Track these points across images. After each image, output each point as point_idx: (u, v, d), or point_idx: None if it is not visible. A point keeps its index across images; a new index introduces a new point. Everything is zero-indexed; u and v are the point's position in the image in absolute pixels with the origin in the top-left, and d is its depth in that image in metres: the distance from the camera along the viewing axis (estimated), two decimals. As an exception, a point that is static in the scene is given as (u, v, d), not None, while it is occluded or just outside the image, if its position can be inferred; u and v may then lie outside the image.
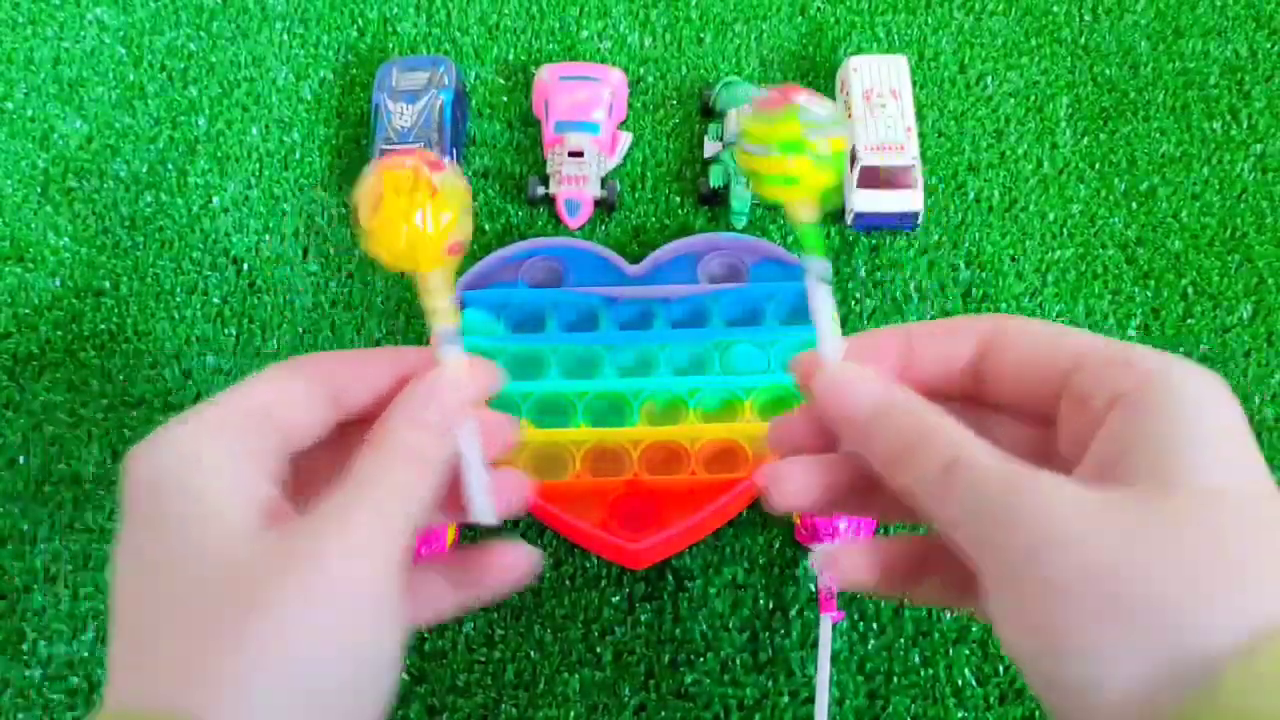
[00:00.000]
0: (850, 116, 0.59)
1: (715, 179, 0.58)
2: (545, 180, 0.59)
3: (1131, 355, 0.29)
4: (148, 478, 0.28)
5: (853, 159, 0.58)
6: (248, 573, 0.26)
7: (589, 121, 0.60)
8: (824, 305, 0.32)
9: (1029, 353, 0.31)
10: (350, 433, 0.31)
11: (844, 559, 0.32)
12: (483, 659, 0.48)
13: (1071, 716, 0.26)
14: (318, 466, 0.30)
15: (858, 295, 0.57)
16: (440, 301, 0.31)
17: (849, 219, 0.58)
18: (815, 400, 0.31)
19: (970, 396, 0.32)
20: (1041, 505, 0.27)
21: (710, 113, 0.62)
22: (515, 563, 0.32)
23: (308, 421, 0.30)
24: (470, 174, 0.61)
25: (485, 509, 0.31)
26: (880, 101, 0.59)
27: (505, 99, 0.64)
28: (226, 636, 0.25)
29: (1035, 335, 0.31)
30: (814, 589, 0.49)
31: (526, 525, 0.51)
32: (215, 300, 0.57)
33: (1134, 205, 0.59)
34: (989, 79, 0.64)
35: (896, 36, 0.65)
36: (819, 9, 0.67)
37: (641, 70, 0.65)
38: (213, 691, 0.25)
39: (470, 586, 0.33)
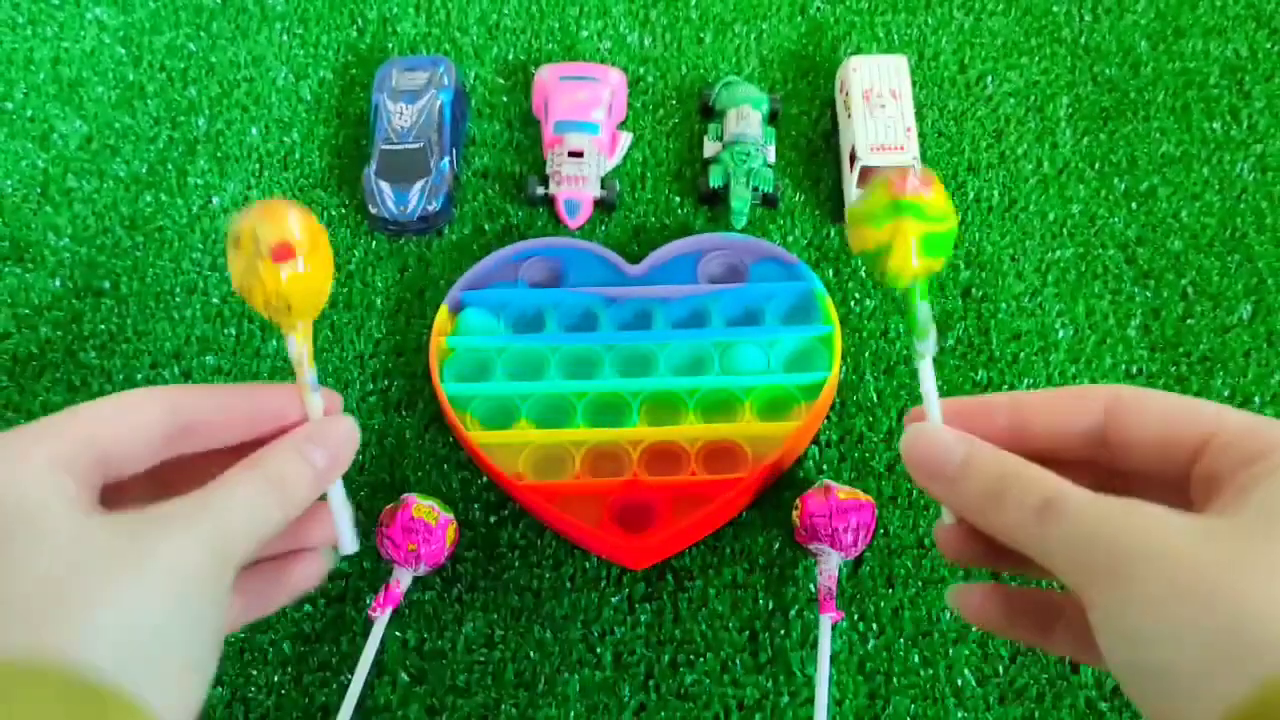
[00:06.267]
0: (850, 117, 0.59)
1: (715, 179, 0.58)
2: (545, 180, 0.59)
3: (1257, 425, 0.30)
4: None
5: (852, 158, 0.58)
6: (88, 552, 0.30)
7: (588, 122, 0.60)
8: (928, 378, 0.34)
9: (1159, 420, 0.32)
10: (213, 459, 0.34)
11: (969, 598, 0.34)
12: (483, 659, 0.48)
13: (1158, 711, 0.28)
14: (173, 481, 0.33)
15: (858, 295, 0.57)
16: (304, 350, 0.35)
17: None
18: (904, 458, 0.33)
19: (1091, 464, 0.33)
20: (1140, 525, 0.28)
21: (710, 112, 0.62)
22: (308, 575, 0.36)
23: (135, 449, 0.32)
24: (470, 174, 0.61)
25: (350, 543, 0.36)
26: (880, 101, 0.59)
27: (505, 99, 0.64)
28: (75, 598, 0.29)
29: (1165, 403, 0.32)
30: (814, 589, 0.49)
31: (526, 526, 0.51)
32: (215, 300, 0.57)
33: (1134, 205, 0.59)
34: (989, 79, 0.64)
35: (896, 36, 0.65)
36: (819, 9, 0.67)
37: (641, 70, 0.65)
38: (70, 636, 0.28)
39: (277, 595, 0.36)
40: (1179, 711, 0.27)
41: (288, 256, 0.33)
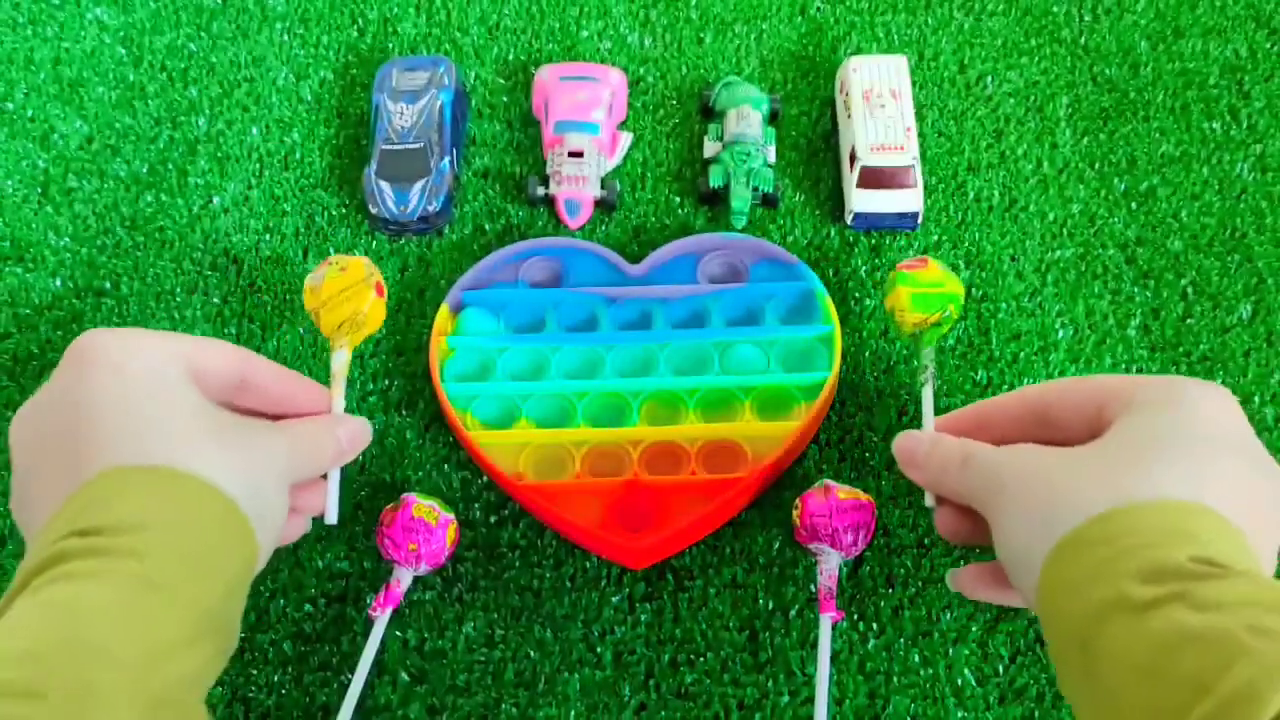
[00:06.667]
0: (850, 117, 0.59)
1: (715, 179, 0.58)
2: (545, 180, 0.59)
3: (1143, 379, 0.41)
4: (106, 345, 0.39)
5: (852, 159, 0.58)
6: (215, 417, 0.40)
7: (589, 122, 0.60)
8: (927, 399, 0.47)
9: (1074, 400, 0.42)
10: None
11: (963, 576, 0.46)
12: (483, 659, 0.48)
13: (1027, 596, 0.38)
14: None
15: (857, 295, 0.57)
16: (347, 362, 0.49)
17: (849, 219, 0.58)
18: (894, 452, 0.46)
19: (1053, 441, 0.41)
20: (1016, 459, 0.40)
21: (710, 113, 0.62)
22: (295, 529, 0.46)
23: (214, 381, 0.41)
24: (470, 174, 0.61)
25: (334, 515, 0.46)
26: (880, 102, 0.59)
27: (505, 99, 0.64)
28: (212, 442, 0.38)
29: (1078, 384, 0.43)
30: (814, 589, 0.49)
31: (527, 525, 0.51)
32: (215, 300, 0.57)
33: (1134, 205, 0.59)
34: (989, 79, 0.64)
35: (896, 37, 0.65)
36: (819, 9, 0.67)
37: (641, 70, 0.65)
38: (215, 467, 0.38)
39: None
40: (1027, 580, 0.38)
41: (381, 293, 0.50)
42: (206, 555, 0.36)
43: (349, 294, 0.49)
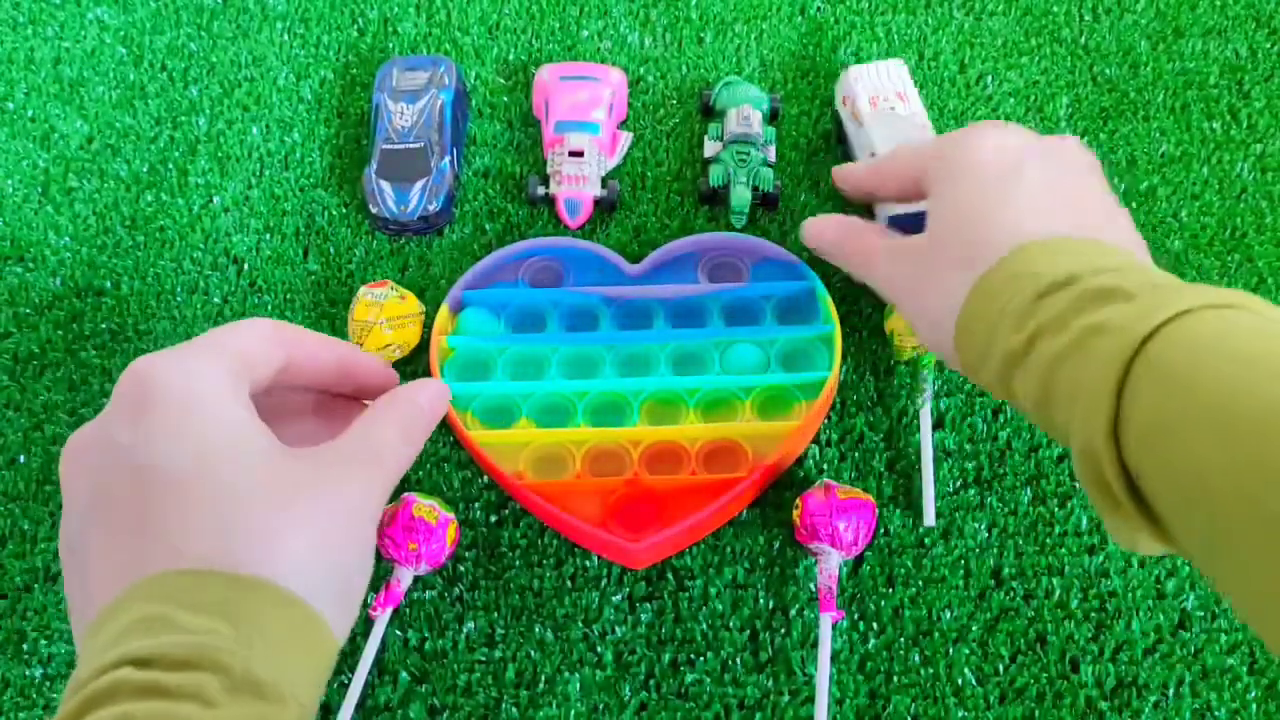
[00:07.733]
0: (862, 125, 0.58)
1: (715, 178, 0.58)
2: (545, 180, 0.59)
3: (932, 157, 0.47)
4: (165, 381, 0.35)
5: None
6: (285, 480, 0.35)
7: (589, 121, 0.60)
8: (925, 418, 0.51)
9: (901, 169, 0.50)
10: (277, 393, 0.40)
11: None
12: (484, 658, 0.48)
13: (944, 344, 0.42)
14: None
15: (857, 295, 0.57)
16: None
17: (883, 222, 0.57)
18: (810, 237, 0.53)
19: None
20: (894, 282, 0.47)
21: (710, 112, 0.62)
22: None
23: (264, 372, 0.38)
24: (470, 174, 0.61)
25: None
26: (889, 105, 0.58)
27: (505, 99, 0.64)
28: (273, 521, 0.34)
29: (905, 157, 0.50)
30: (814, 588, 0.49)
31: (528, 525, 0.51)
32: (216, 300, 0.57)
33: (1134, 205, 0.59)
34: (989, 79, 0.64)
35: (896, 36, 0.65)
36: (819, 9, 0.67)
37: (641, 70, 0.65)
38: (270, 556, 0.33)
39: None
40: (944, 339, 0.42)
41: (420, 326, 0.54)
42: (279, 684, 0.32)
43: (404, 323, 0.53)
